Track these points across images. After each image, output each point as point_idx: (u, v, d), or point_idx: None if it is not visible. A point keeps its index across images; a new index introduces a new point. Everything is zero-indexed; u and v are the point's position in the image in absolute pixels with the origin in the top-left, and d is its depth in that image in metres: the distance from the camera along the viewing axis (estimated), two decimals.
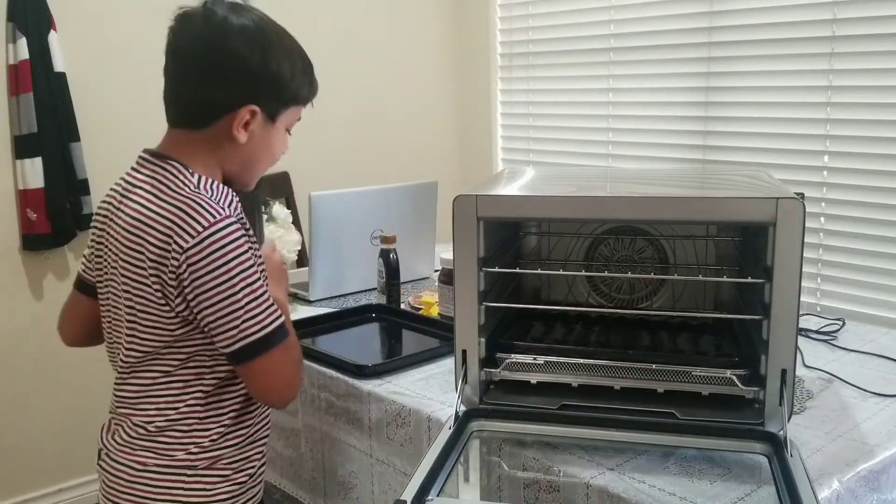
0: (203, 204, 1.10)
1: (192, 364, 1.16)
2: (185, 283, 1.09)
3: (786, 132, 2.46)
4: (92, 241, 1.25)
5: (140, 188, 1.16)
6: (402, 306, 1.85)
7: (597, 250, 1.52)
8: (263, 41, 1.16)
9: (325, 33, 3.06)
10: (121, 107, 2.55)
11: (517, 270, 1.47)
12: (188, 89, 1.17)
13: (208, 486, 1.19)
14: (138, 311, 1.14)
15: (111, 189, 1.23)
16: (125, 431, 1.19)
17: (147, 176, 1.16)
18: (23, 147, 2.36)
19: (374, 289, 1.92)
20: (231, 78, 1.15)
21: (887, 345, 1.56)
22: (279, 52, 1.18)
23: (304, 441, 1.58)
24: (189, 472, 1.18)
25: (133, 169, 1.19)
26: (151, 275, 1.11)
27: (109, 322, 1.22)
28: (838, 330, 1.64)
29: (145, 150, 1.20)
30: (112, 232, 1.17)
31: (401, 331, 1.77)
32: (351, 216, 1.94)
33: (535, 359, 1.26)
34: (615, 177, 1.58)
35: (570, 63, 3.08)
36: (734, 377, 1.18)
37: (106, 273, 1.20)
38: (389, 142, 3.31)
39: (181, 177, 1.14)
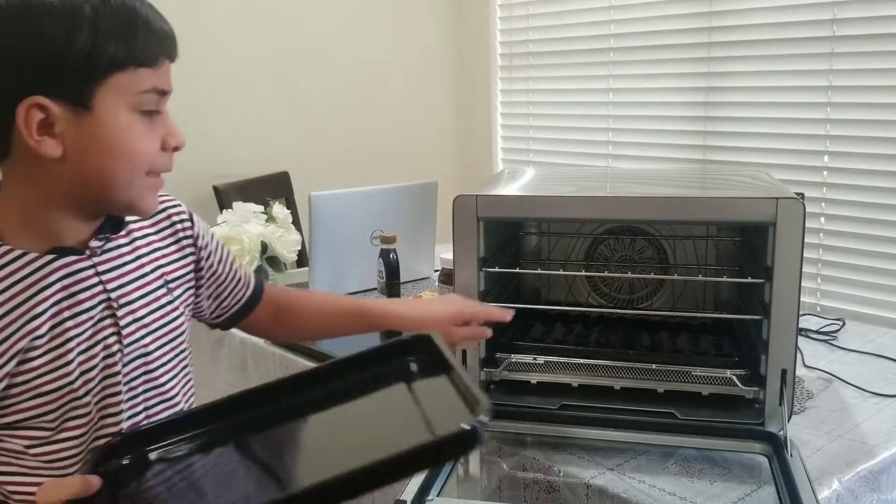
0: None
1: None
2: None
3: (786, 132, 2.46)
4: None
5: None
6: None
7: (597, 250, 1.52)
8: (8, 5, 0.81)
9: (325, 34, 3.06)
10: None
11: (517, 270, 1.47)
12: None
13: None
14: None
15: None
16: None
17: None
18: None
19: (374, 289, 1.92)
20: None
21: (887, 345, 1.56)
22: (35, 9, 0.80)
23: None
24: None
25: None
26: None
27: None
28: (838, 330, 1.64)
29: None
30: None
31: (401, 331, 1.77)
32: (351, 216, 1.94)
33: (535, 359, 1.26)
34: (615, 177, 1.58)
35: (570, 63, 3.08)
36: (734, 377, 1.18)
37: None
38: (389, 142, 3.31)
39: None
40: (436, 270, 2.04)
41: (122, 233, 0.97)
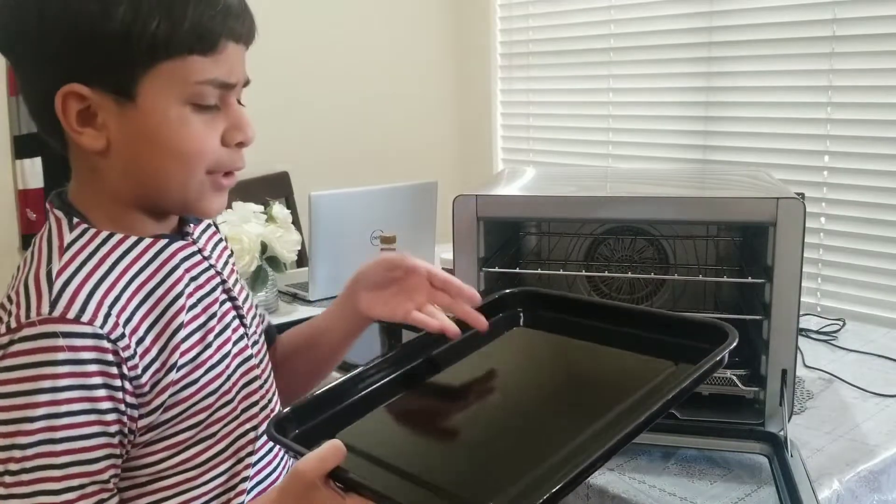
0: (31, 290, 0.72)
1: None
2: None
3: (786, 132, 2.46)
4: None
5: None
6: None
7: (597, 250, 1.51)
8: None
9: (325, 33, 3.06)
10: None
11: (517, 270, 1.47)
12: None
13: None
14: None
15: None
16: None
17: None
18: (22, 147, 2.36)
19: None
20: (16, 50, 0.75)
21: (887, 345, 1.56)
22: None
23: None
24: None
25: None
26: None
27: None
28: (838, 330, 1.64)
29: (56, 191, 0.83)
30: None
31: (401, 331, 1.77)
32: (351, 216, 1.94)
33: None
34: (615, 177, 1.58)
35: (570, 63, 3.08)
36: (734, 377, 1.18)
37: None
38: (389, 142, 3.31)
39: (49, 236, 0.78)
40: None
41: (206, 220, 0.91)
